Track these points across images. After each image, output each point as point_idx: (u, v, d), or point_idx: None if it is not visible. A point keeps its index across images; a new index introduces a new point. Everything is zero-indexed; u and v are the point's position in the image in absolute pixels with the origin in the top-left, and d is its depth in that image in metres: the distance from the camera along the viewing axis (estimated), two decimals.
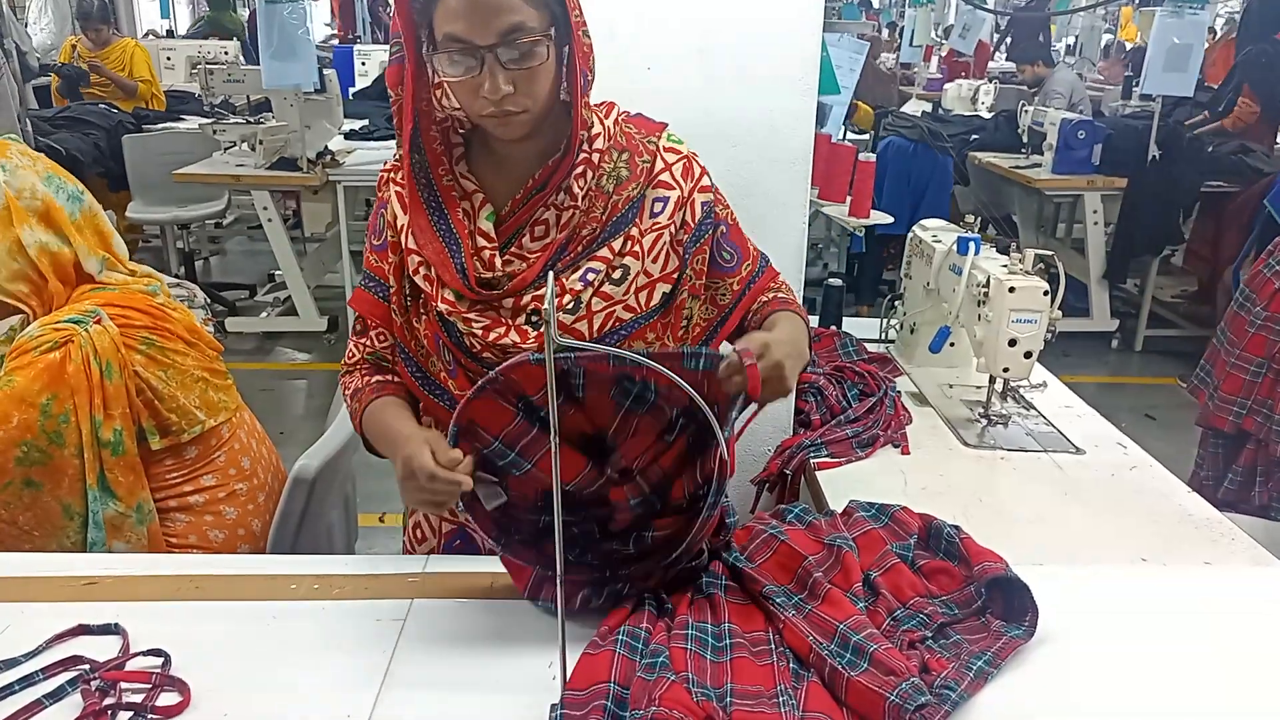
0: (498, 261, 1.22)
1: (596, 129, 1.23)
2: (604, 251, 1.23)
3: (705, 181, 1.30)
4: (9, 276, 1.45)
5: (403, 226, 1.25)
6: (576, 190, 1.21)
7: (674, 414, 1.08)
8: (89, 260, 1.50)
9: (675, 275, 1.27)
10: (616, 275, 1.23)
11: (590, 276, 1.21)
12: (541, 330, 1.19)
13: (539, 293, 1.21)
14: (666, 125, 1.32)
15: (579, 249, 1.22)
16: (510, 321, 1.21)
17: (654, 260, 1.25)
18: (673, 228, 1.26)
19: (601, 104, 1.27)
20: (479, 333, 1.21)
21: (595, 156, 1.22)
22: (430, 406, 1.32)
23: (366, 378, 1.34)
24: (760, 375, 1.04)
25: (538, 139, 1.22)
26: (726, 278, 1.33)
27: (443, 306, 1.22)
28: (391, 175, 1.30)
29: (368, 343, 1.34)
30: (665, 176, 1.27)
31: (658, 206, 1.26)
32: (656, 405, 1.08)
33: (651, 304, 1.26)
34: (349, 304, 1.36)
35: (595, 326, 1.22)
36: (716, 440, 1.05)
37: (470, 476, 1.08)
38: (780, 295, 1.37)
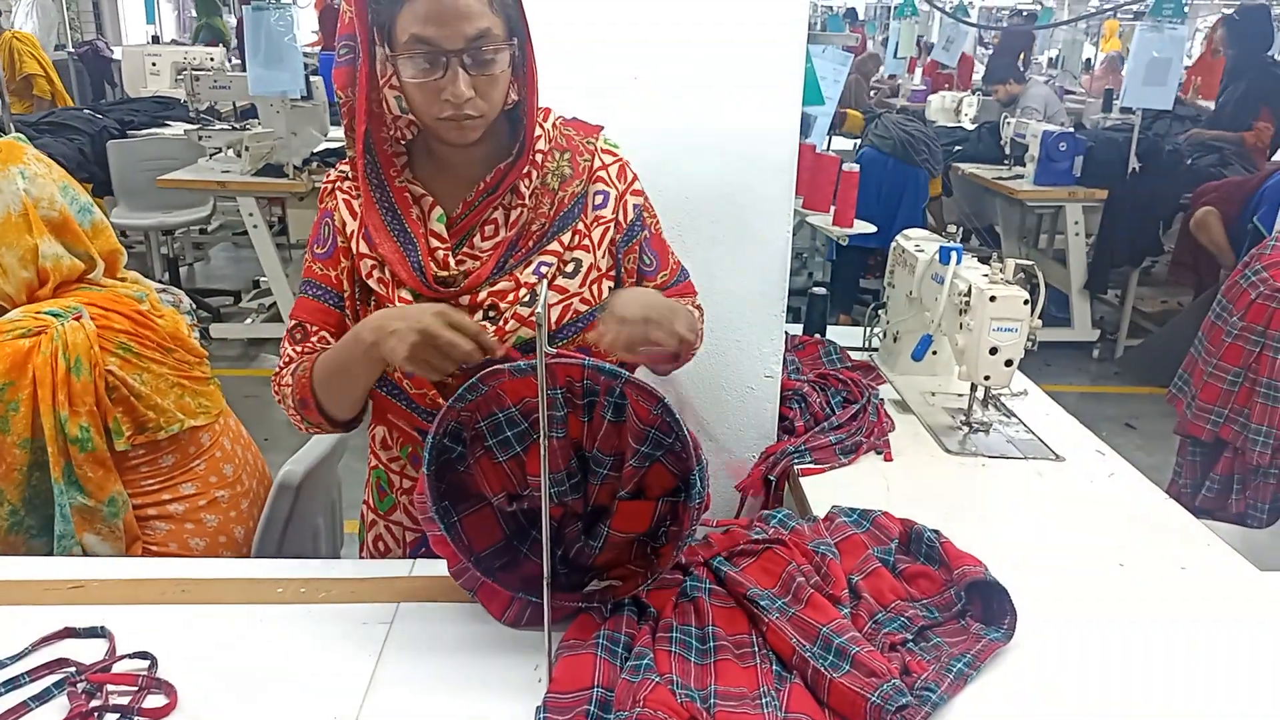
0: (451, 261, 1.25)
1: (536, 132, 1.28)
2: (554, 246, 1.27)
3: (637, 186, 1.36)
4: (17, 286, 1.47)
5: (352, 233, 1.27)
6: (523, 190, 1.26)
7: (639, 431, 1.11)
8: (94, 273, 1.53)
9: (613, 274, 1.34)
10: (569, 269, 1.28)
11: (544, 270, 1.26)
12: (499, 325, 1.23)
13: (495, 289, 1.24)
14: (602, 128, 1.37)
15: (530, 244, 1.27)
16: None
17: (604, 255, 1.31)
18: (613, 224, 1.31)
19: (539, 109, 1.30)
20: None
21: (539, 157, 1.27)
22: (387, 406, 1.33)
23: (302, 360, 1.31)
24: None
25: (483, 144, 1.25)
26: (645, 281, 1.37)
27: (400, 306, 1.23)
28: (338, 184, 1.32)
29: (310, 347, 1.31)
30: (603, 174, 1.33)
31: (599, 199, 1.31)
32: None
33: (604, 297, 1.31)
34: (290, 316, 1.34)
35: (554, 319, 1.26)
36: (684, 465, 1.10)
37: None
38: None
